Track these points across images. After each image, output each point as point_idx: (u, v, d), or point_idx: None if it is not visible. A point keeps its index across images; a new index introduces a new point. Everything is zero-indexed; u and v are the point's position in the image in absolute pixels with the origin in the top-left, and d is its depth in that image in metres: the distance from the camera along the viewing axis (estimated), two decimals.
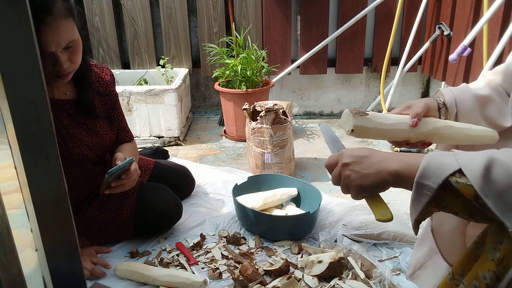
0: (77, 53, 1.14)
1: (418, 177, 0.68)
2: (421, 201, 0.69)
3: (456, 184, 0.65)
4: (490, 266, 0.65)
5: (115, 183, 1.23)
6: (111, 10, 2.73)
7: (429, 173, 0.67)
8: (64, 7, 1.06)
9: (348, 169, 0.78)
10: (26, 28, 0.51)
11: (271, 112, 1.84)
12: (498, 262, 0.64)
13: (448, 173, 0.65)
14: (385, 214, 0.78)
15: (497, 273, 0.65)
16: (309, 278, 1.24)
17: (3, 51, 0.50)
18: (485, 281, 0.66)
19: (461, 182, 0.64)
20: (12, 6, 0.49)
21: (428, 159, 0.69)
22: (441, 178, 0.66)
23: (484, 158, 0.63)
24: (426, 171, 0.67)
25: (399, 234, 1.40)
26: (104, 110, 1.38)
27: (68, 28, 1.08)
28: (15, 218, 0.56)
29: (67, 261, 0.66)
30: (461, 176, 0.65)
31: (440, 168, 0.66)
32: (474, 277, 0.68)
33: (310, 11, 2.70)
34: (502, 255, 0.64)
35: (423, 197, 0.68)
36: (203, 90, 3.03)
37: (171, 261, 1.35)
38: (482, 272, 0.67)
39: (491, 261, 0.66)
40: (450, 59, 2.00)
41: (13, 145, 0.56)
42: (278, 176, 1.72)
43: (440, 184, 0.66)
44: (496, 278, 0.65)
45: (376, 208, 0.80)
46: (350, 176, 0.78)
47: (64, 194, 0.61)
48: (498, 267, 0.64)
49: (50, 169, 0.58)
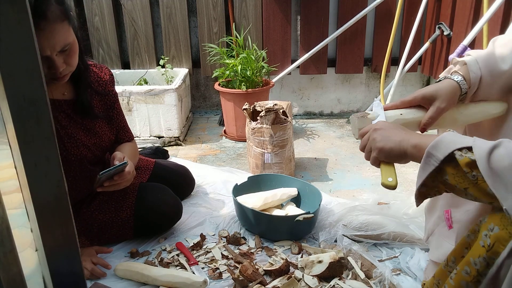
0: (73, 55, 1.13)
1: (429, 148, 0.74)
2: (426, 170, 0.74)
3: (460, 157, 0.70)
4: (481, 252, 0.68)
5: (107, 183, 1.24)
6: (111, 10, 2.73)
7: (440, 145, 0.72)
8: (59, 11, 1.05)
9: (377, 133, 0.87)
10: (26, 28, 0.51)
11: (271, 112, 1.84)
12: (488, 248, 0.67)
13: (456, 147, 0.70)
14: (391, 180, 0.84)
15: (487, 259, 0.67)
16: (309, 278, 1.24)
17: (3, 51, 0.50)
18: (476, 267, 0.69)
19: (464, 156, 0.69)
20: (12, 6, 0.50)
21: (445, 134, 0.74)
22: (448, 151, 0.71)
23: (495, 142, 0.67)
24: (439, 143, 0.73)
25: (399, 234, 1.40)
26: (103, 110, 1.38)
27: (63, 31, 1.07)
28: (15, 218, 0.56)
29: (67, 261, 0.66)
30: (467, 151, 0.69)
31: (452, 142, 0.71)
32: (466, 263, 0.71)
33: (310, 11, 2.70)
34: (492, 241, 0.66)
35: (429, 166, 0.74)
36: (203, 90, 3.03)
37: (171, 261, 1.35)
38: (473, 258, 0.69)
39: (481, 248, 0.68)
40: (450, 59, 2.00)
41: (13, 145, 0.56)
42: (278, 176, 1.72)
43: (446, 156, 0.71)
44: (486, 264, 0.67)
45: (386, 173, 0.85)
46: (376, 138, 0.86)
47: (64, 194, 0.61)
48: (488, 253, 0.67)
49: (50, 169, 0.58)
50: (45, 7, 1.01)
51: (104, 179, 1.22)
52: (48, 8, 1.02)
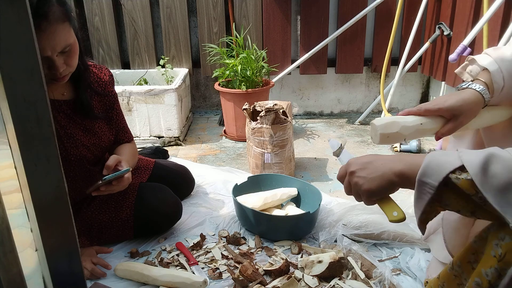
0: (73, 56, 1.13)
1: (419, 175, 0.69)
2: (423, 199, 0.70)
3: (456, 180, 0.65)
4: (492, 263, 0.65)
5: (104, 188, 1.23)
6: (111, 10, 2.73)
7: (430, 171, 0.68)
8: (60, 12, 1.05)
9: (355, 176, 0.81)
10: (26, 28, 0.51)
11: (271, 112, 1.84)
12: (500, 258, 0.64)
13: (449, 170, 0.66)
14: (397, 215, 0.80)
15: (498, 269, 0.65)
16: (309, 278, 1.24)
17: (3, 51, 0.50)
18: (487, 278, 0.66)
19: (461, 178, 0.65)
20: (12, 6, 0.50)
21: (430, 158, 0.70)
22: (441, 176, 0.66)
23: (484, 154, 0.64)
24: (428, 169, 0.68)
25: (399, 234, 1.40)
26: (102, 110, 1.38)
27: (64, 32, 1.07)
28: (15, 218, 0.56)
29: (67, 261, 0.66)
30: (461, 172, 0.65)
31: (441, 166, 0.67)
32: (477, 275, 0.68)
33: (310, 11, 2.70)
34: (504, 251, 0.64)
35: (425, 195, 0.69)
36: (203, 90, 3.03)
37: (171, 261, 1.35)
38: (484, 269, 0.67)
39: (493, 258, 0.66)
40: (450, 59, 2.00)
41: (13, 145, 0.56)
42: (278, 176, 1.72)
43: (440, 182, 0.66)
44: (498, 274, 0.65)
45: (388, 209, 0.82)
46: (358, 182, 0.81)
47: (64, 194, 0.61)
48: (499, 263, 0.64)
49: (50, 169, 0.58)
50: (46, 8, 1.01)
51: (103, 184, 1.22)
52: (50, 9, 1.02)
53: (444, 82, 2.58)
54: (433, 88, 2.92)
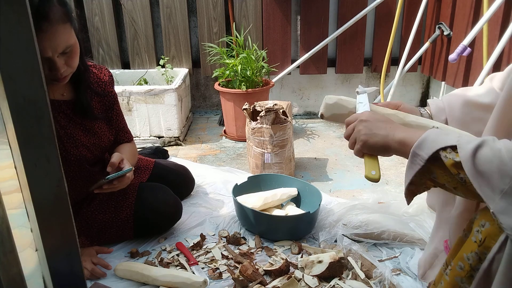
0: (74, 57, 1.13)
1: (414, 147, 0.74)
2: (413, 169, 0.75)
3: (445, 158, 0.69)
4: (473, 248, 0.69)
5: (106, 186, 1.24)
6: (111, 10, 2.73)
7: (424, 145, 0.73)
8: (61, 12, 1.05)
9: (363, 124, 0.87)
10: (26, 28, 0.51)
11: (271, 112, 1.84)
12: (480, 243, 0.68)
13: (439, 146, 0.70)
14: (374, 174, 0.85)
15: (479, 253, 0.68)
16: (309, 278, 1.24)
17: (3, 51, 0.50)
18: (469, 262, 0.69)
19: (449, 157, 0.69)
20: (12, 6, 0.50)
21: (429, 132, 0.74)
22: (432, 150, 0.71)
23: (478, 141, 0.66)
24: (423, 142, 0.73)
25: (399, 234, 1.40)
26: (102, 110, 1.38)
27: (65, 33, 1.07)
28: (15, 218, 0.56)
29: (67, 261, 0.66)
30: (451, 151, 0.69)
31: (435, 142, 0.71)
32: (460, 259, 0.72)
33: (310, 11, 2.70)
34: (483, 236, 0.67)
35: (415, 166, 0.74)
36: (203, 90, 3.03)
37: (171, 261, 1.35)
38: (466, 253, 0.70)
39: (474, 243, 0.69)
40: (450, 59, 2.00)
41: (13, 145, 0.56)
42: (278, 176, 1.72)
43: (430, 156, 0.71)
44: (478, 258, 0.68)
45: (369, 166, 0.86)
46: (361, 130, 0.87)
47: (64, 194, 0.61)
48: (479, 248, 0.68)
49: (50, 169, 0.58)
50: (47, 9, 1.01)
51: (106, 183, 1.23)
52: (51, 9, 1.02)
53: (444, 82, 2.58)
54: (433, 88, 2.92)
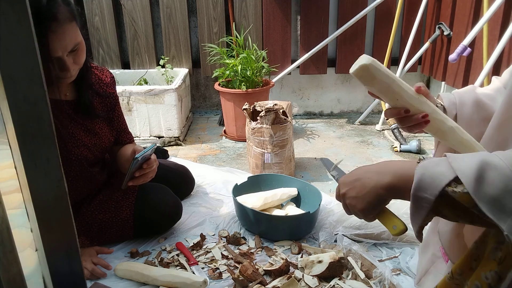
0: (81, 54, 1.16)
1: (414, 190, 0.68)
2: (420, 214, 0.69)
3: (453, 193, 0.64)
4: (492, 266, 0.65)
5: (138, 173, 1.26)
6: (111, 10, 2.73)
7: (425, 185, 0.67)
8: (67, 11, 1.07)
9: (347, 197, 0.81)
10: (26, 28, 0.51)
11: (271, 112, 1.84)
12: (500, 261, 0.64)
13: (444, 183, 0.65)
14: (396, 228, 0.80)
15: (499, 272, 0.64)
16: (309, 278, 1.24)
17: (3, 51, 0.50)
18: (487, 281, 0.65)
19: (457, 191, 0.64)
20: (12, 6, 0.49)
21: (422, 170, 0.68)
22: (437, 190, 0.65)
23: (477, 163, 0.62)
24: (422, 183, 0.67)
25: None
26: (103, 111, 1.38)
27: (73, 31, 1.10)
28: (15, 218, 0.56)
29: (67, 261, 0.66)
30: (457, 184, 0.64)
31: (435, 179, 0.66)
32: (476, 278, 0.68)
33: (310, 11, 2.70)
34: (504, 254, 0.64)
35: (421, 209, 0.68)
36: (203, 90, 3.03)
37: (171, 261, 1.35)
38: (484, 272, 0.66)
39: (493, 261, 0.65)
40: (450, 59, 2.00)
41: (13, 145, 0.56)
42: (278, 176, 1.72)
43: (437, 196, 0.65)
44: (498, 277, 0.64)
45: (388, 223, 0.81)
46: (351, 203, 0.81)
47: (64, 194, 0.61)
48: (500, 266, 0.64)
49: (50, 169, 0.58)
50: (55, 9, 1.03)
51: (135, 169, 1.24)
52: (58, 9, 1.04)
53: (444, 82, 2.58)
54: (433, 88, 2.91)
